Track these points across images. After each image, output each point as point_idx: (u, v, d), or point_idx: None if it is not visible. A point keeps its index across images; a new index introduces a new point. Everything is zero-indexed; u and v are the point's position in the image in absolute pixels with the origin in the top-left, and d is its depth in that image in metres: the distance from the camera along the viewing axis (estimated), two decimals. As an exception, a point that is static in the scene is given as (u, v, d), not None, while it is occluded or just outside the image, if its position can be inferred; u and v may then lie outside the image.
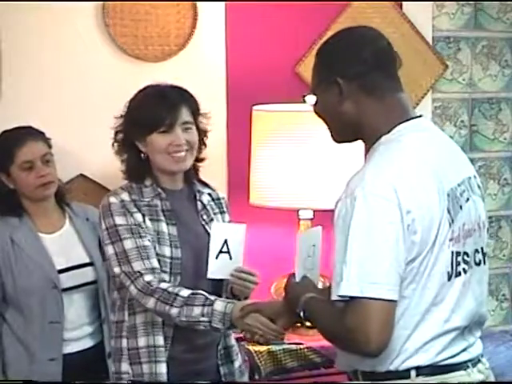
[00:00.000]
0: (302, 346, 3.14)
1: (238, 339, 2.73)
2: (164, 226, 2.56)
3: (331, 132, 2.12)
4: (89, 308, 2.88)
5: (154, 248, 2.52)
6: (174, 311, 2.42)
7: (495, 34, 4.12)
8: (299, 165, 3.22)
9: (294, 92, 3.47)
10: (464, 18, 4.06)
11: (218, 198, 2.70)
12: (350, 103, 2.04)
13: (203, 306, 2.41)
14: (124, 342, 2.55)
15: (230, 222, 2.68)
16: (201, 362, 2.60)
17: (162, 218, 2.56)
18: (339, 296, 1.86)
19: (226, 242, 2.48)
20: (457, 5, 4.03)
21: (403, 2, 3.89)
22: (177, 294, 2.42)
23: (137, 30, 3.42)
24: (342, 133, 2.10)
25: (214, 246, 2.48)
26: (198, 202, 2.64)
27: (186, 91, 2.62)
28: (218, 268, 2.48)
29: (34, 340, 2.81)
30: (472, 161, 2.28)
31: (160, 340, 2.53)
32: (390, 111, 2.05)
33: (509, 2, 4.07)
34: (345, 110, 2.04)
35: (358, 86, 2.03)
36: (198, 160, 2.65)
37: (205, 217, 2.63)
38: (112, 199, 2.53)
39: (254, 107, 3.39)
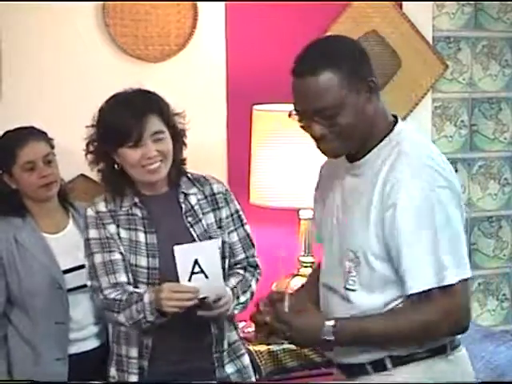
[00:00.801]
0: None
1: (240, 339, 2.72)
2: (141, 236, 2.52)
3: (350, 143, 2.12)
4: (94, 308, 2.87)
5: (129, 259, 2.50)
6: (121, 317, 2.43)
7: (495, 33, 4.14)
8: (299, 165, 3.23)
9: None
10: (464, 17, 4.07)
11: (213, 194, 2.60)
12: (369, 104, 2.09)
13: (136, 303, 2.40)
14: (114, 347, 2.58)
15: (221, 220, 2.59)
16: (191, 362, 2.57)
17: (141, 227, 2.53)
18: (441, 286, 2.02)
19: (196, 261, 2.34)
20: (457, 5, 4.05)
21: (403, 2, 3.90)
22: (120, 300, 2.43)
23: (137, 30, 3.42)
24: (362, 139, 2.12)
25: (183, 270, 2.35)
26: (183, 205, 2.57)
27: (155, 96, 2.55)
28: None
29: (39, 340, 2.80)
30: (472, 160, 2.30)
31: (133, 352, 2.53)
32: (386, 109, 2.15)
33: (509, 2, 4.08)
34: (368, 111, 2.08)
35: (370, 86, 2.09)
36: (181, 161, 2.59)
37: (190, 219, 2.56)
38: (89, 211, 2.54)
39: (255, 107, 3.40)
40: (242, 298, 2.56)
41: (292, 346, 3.10)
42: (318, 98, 2.05)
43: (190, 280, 2.34)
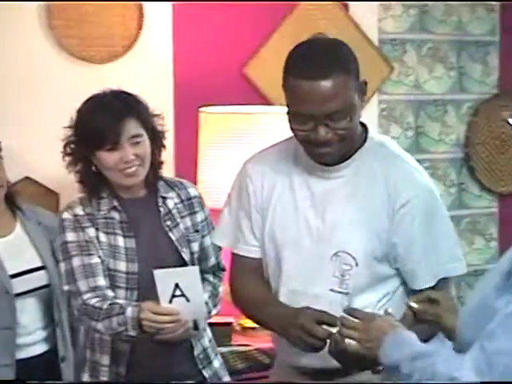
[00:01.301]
0: (250, 348, 3.15)
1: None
2: (120, 240, 2.52)
3: (347, 146, 2.16)
4: (42, 312, 2.86)
5: (108, 263, 2.49)
6: (100, 326, 2.41)
7: (440, 36, 4.18)
8: None
9: (241, 94, 3.61)
10: (409, 20, 4.11)
11: (189, 198, 2.61)
12: (361, 108, 2.17)
13: (118, 315, 2.38)
14: (87, 352, 2.57)
15: (197, 224, 2.59)
16: (172, 366, 2.57)
17: (119, 231, 2.52)
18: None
19: (177, 285, 2.31)
20: (402, 7, 4.08)
21: (350, 5, 3.93)
22: (100, 308, 2.41)
23: (82, 32, 3.40)
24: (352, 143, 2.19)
25: (163, 293, 2.32)
26: (161, 209, 2.56)
27: (133, 98, 2.54)
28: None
29: None
30: (418, 162, 2.36)
31: (105, 359, 2.53)
32: None
33: (454, 3, 4.14)
34: (360, 115, 2.16)
35: (363, 90, 2.14)
36: (158, 164, 2.58)
37: (169, 223, 2.56)
38: (65, 215, 2.52)
39: (201, 109, 3.39)
40: (214, 311, 2.61)
41: (240, 348, 3.13)
42: (332, 101, 2.05)
43: (170, 302, 2.31)
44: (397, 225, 2.16)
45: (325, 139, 2.09)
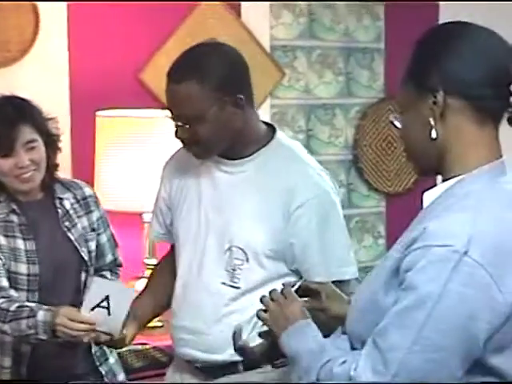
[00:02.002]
0: (147, 346, 3.14)
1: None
2: (20, 243, 2.50)
3: (211, 151, 2.24)
4: None
5: (9, 266, 2.47)
6: (7, 327, 2.38)
7: (329, 43, 4.21)
8: (142, 169, 3.23)
9: (137, 97, 3.58)
10: (299, 28, 4.11)
11: (85, 198, 2.62)
12: (236, 118, 2.20)
13: (28, 318, 2.35)
14: None
15: (93, 223, 2.62)
16: (72, 365, 2.59)
17: (19, 233, 2.50)
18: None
19: (107, 298, 2.28)
20: (292, 15, 4.08)
21: (242, 12, 3.92)
22: (7, 310, 2.38)
23: (-23, 36, 3.33)
24: (231, 145, 2.24)
25: (89, 299, 2.29)
26: (59, 210, 2.56)
27: (26, 104, 2.53)
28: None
29: None
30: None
31: (6, 361, 2.51)
32: (259, 119, 2.30)
33: (341, 12, 4.19)
34: (234, 125, 2.20)
35: (237, 102, 2.18)
36: (54, 167, 2.58)
37: (67, 223, 2.56)
38: None
39: (98, 113, 3.37)
40: None
41: (138, 347, 3.10)
42: (178, 105, 2.15)
43: (92, 310, 2.28)
44: (293, 225, 2.18)
45: (181, 139, 2.17)
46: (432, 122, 1.61)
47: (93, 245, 2.61)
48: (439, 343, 1.50)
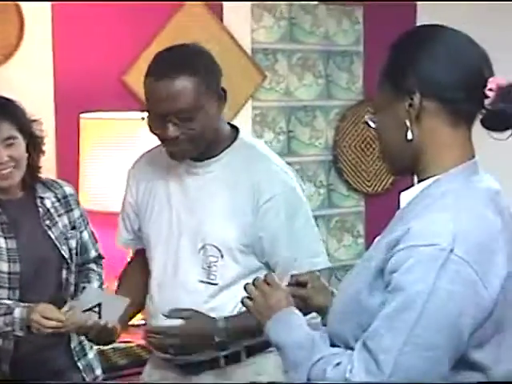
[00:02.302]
0: (131, 344, 3.14)
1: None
2: (1, 241, 2.50)
3: (199, 147, 2.23)
4: None
5: None
6: None
7: (309, 46, 4.23)
8: (126, 170, 3.18)
9: (121, 100, 3.57)
10: (280, 31, 4.14)
11: (65, 196, 2.63)
12: (218, 112, 2.24)
13: (5, 315, 2.37)
14: None
15: (74, 221, 2.63)
16: (53, 360, 2.60)
17: (0, 232, 2.51)
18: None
19: (99, 305, 2.29)
20: (273, 19, 4.11)
21: (224, 16, 3.94)
22: None
23: (-38, 41, 3.33)
24: (208, 143, 2.26)
25: (84, 303, 2.31)
26: (40, 209, 2.58)
27: (9, 102, 2.54)
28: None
29: None
30: (290, 164, 2.46)
31: None
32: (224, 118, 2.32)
33: (321, 15, 4.22)
34: (216, 119, 2.24)
35: (220, 95, 2.24)
36: (36, 168, 2.59)
37: (48, 222, 2.58)
38: None
39: (82, 115, 3.37)
40: None
41: (122, 345, 3.10)
42: (175, 100, 2.12)
43: (84, 311, 2.30)
44: (261, 219, 2.22)
45: (172, 137, 2.14)
46: (408, 124, 1.63)
47: (73, 242, 2.63)
48: (431, 341, 1.50)
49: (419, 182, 1.67)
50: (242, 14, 4.01)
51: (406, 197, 1.66)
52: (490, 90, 1.58)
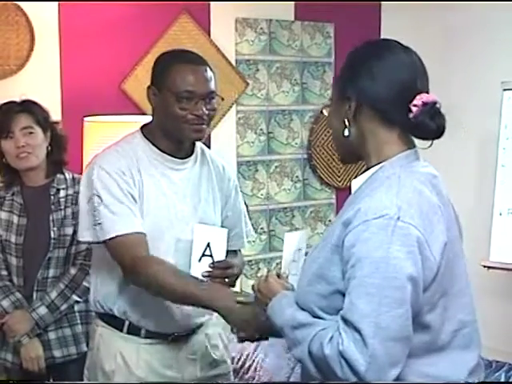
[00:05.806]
0: None
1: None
2: (15, 218, 2.82)
3: (207, 128, 2.38)
4: None
5: (3, 235, 2.81)
6: None
7: (286, 57, 4.40)
8: None
9: (120, 105, 3.77)
10: (261, 44, 4.31)
11: (78, 192, 2.48)
12: None
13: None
14: None
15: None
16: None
17: (17, 211, 2.82)
18: None
19: (208, 245, 2.30)
20: (255, 34, 4.27)
21: (211, 31, 4.08)
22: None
23: (-21, 52, 3.48)
24: None
25: (197, 249, 2.29)
26: (52, 197, 2.82)
27: (28, 101, 2.84)
28: (200, 271, 2.29)
29: None
30: (270, 162, 2.58)
31: None
32: None
33: (296, 30, 4.38)
34: None
35: None
36: (59, 162, 2.88)
37: (53, 207, 2.84)
38: None
39: (85, 119, 3.47)
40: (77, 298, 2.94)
41: None
42: (211, 82, 2.29)
43: (199, 260, 2.28)
44: (227, 200, 2.47)
45: (204, 114, 2.26)
46: (346, 123, 1.74)
47: (70, 230, 2.82)
48: (399, 298, 1.55)
49: (367, 169, 1.76)
50: (227, 29, 4.19)
51: (356, 183, 1.77)
52: (415, 105, 1.68)
